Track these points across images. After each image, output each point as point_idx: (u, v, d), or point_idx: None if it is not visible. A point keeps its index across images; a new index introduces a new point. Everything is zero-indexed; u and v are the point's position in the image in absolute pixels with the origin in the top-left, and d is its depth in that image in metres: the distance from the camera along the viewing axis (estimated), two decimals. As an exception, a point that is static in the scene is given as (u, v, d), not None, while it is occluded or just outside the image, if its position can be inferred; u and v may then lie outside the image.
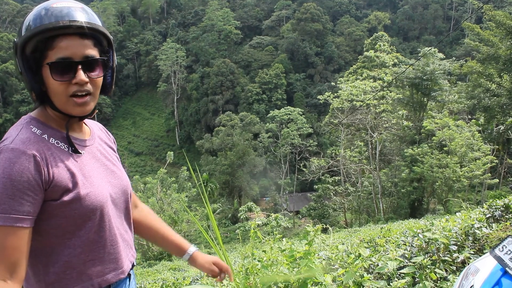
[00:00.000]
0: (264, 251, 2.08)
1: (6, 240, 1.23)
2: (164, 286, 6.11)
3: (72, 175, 1.36)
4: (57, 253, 1.37)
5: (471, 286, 1.47)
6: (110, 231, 1.48)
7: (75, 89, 1.35)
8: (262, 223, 28.33)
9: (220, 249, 2.06)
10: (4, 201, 1.21)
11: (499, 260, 1.40)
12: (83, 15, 1.35)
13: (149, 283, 7.31)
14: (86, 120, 1.58)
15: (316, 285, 2.03)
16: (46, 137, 1.36)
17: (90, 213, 1.39)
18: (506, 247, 1.41)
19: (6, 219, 1.22)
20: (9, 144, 1.28)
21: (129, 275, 1.64)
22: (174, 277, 8.78)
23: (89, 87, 1.38)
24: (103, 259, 1.47)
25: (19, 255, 1.26)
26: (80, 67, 1.34)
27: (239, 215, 35.96)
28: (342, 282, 2.01)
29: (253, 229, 2.19)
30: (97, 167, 1.49)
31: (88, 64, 1.37)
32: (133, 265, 1.67)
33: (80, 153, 1.45)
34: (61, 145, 1.39)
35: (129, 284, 1.66)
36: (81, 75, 1.34)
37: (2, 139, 1.32)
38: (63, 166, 1.35)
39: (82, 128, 1.54)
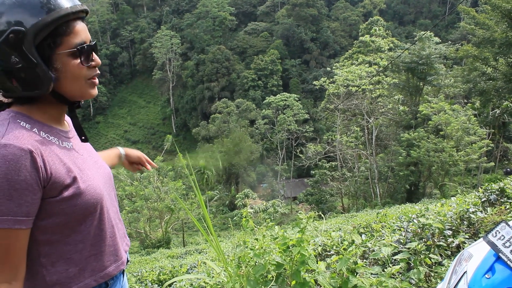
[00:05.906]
0: (257, 239, 2.06)
1: (5, 242, 1.18)
2: (161, 274, 6.13)
3: (69, 169, 1.30)
4: (58, 251, 1.31)
5: (465, 272, 1.47)
6: (109, 223, 1.45)
7: (95, 72, 1.37)
8: (260, 209, 28.53)
9: (212, 238, 2.05)
10: (1, 203, 1.15)
11: (492, 245, 1.39)
12: None
13: (146, 271, 7.33)
14: None
15: (309, 273, 2.02)
16: (36, 131, 1.28)
17: (91, 207, 1.34)
18: (499, 232, 1.40)
19: (4, 222, 1.16)
20: (0, 139, 1.17)
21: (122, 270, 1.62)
22: (171, 265, 8.81)
23: None
24: (104, 252, 1.44)
25: (20, 256, 1.23)
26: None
27: (236, 202, 36.14)
28: (336, 269, 1.99)
29: (245, 217, 2.17)
30: (86, 158, 1.45)
31: (95, 47, 1.39)
32: (127, 261, 1.64)
33: (71, 146, 1.40)
34: (51, 139, 1.32)
35: (122, 279, 1.64)
36: (98, 58, 1.38)
37: None
38: (59, 160, 1.28)
39: (64, 119, 1.47)
